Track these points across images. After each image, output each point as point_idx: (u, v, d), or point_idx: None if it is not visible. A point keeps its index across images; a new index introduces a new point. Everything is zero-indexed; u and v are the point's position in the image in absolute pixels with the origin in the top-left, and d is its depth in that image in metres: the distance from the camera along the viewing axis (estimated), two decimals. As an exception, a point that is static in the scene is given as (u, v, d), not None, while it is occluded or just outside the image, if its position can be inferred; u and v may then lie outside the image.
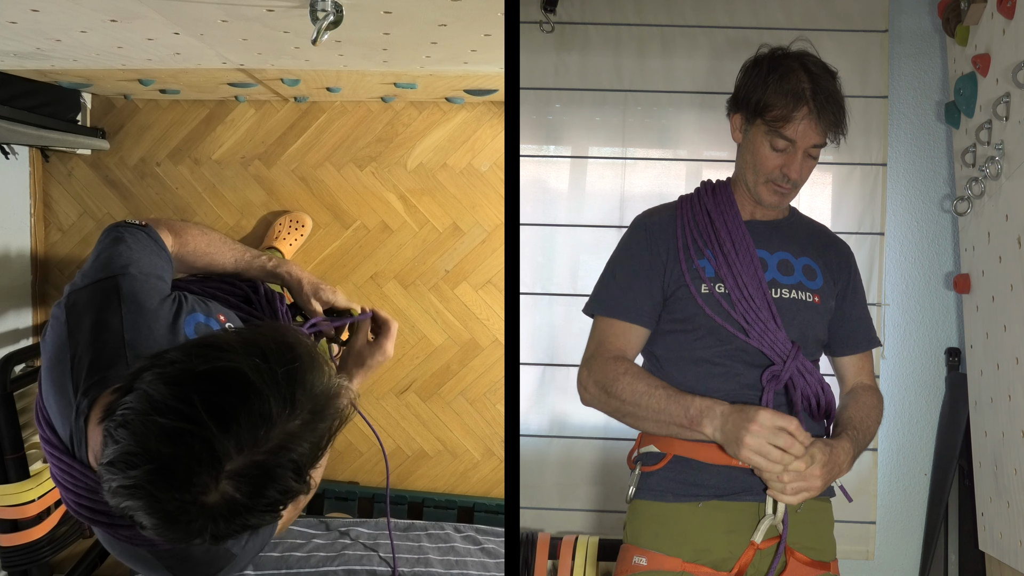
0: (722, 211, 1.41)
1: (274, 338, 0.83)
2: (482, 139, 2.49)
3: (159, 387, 0.77)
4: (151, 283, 1.10)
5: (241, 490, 0.77)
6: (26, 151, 2.41)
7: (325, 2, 1.22)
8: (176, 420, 0.75)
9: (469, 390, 2.56)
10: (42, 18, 1.40)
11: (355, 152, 2.50)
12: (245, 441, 0.76)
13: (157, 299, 1.08)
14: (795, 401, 1.34)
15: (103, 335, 1.01)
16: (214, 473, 0.75)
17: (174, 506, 0.76)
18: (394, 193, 2.51)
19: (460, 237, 2.51)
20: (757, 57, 1.41)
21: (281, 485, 0.79)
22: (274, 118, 2.50)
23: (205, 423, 0.74)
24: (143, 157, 2.51)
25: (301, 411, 0.80)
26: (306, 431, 0.80)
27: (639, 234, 1.45)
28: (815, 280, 1.42)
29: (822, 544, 1.36)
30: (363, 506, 2.52)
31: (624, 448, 2.12)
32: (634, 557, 1.35)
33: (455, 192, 2.50)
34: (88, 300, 1.04)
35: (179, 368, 0.78)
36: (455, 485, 2.59)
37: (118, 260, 1.10)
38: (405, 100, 2.46)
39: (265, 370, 0.78)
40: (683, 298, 1.37)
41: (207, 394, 0.76)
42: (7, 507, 1.81)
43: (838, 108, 1.34)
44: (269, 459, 0.78)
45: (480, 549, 2.31)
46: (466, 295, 2.53)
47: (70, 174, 2.51)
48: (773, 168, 1.36)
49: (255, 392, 0.77)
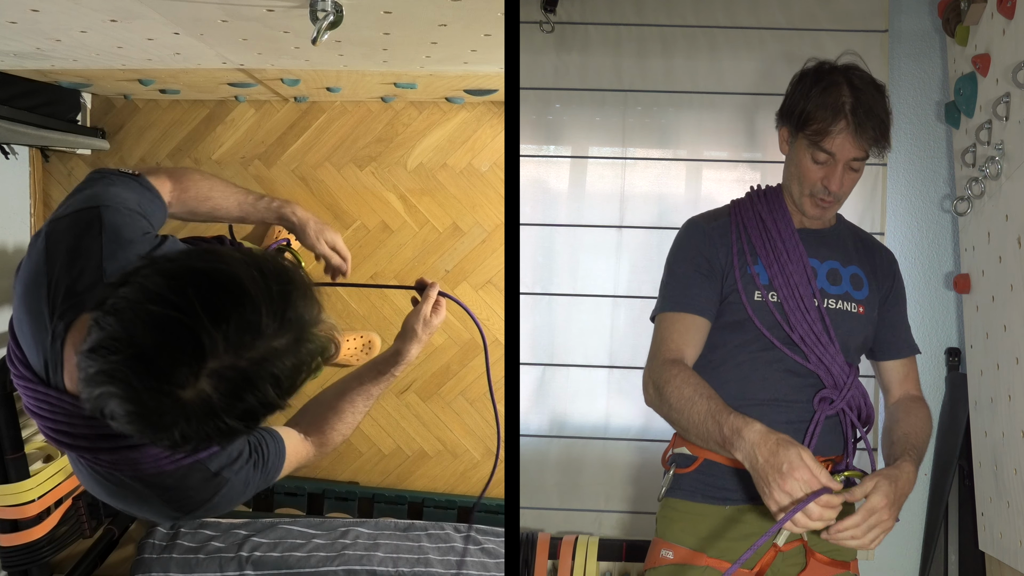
0: (776, 218, 1.42)
1: (273, 260, 0.84)
2: (482, 139, 2.49)
3: (155, 279, 0.77)
4: (135, 219, 1.08)
5: (219, 390, 0.77)
6: (26, 151, 2.41)
7: (325, 2, 1.22)
8: (168, 308, 0.75)
9: (469, 390, 2.56)
10: (42, 18, 1.40)
11: (355, 152, 2.50)
12: (232, 342, 0.76)
13: (139, 232, 1.07)
14: (843, 425, 1.35)
15: (81, 261, 1.00)
16: (195, 367, 0.75)
17: (150, 396, 0.75)
18: (394, 193, 2.50)
19: (460, 237, 2.51)
20: (803, 70, 1.42)
21: (260, 394, 0.80)
22: (274, 118, 2.50)
23: (197, 314, 0.74)
24: (143, 157, 2.51)
25: (289, 331, 0.81)
26: (290, 350, 0.81)
27: (696, 235, 1.44)
28: (861, 290, 1.43)
29: (841, 550, 1.35)
30: (363, 506, 2.52)
31: (624, 448, 2.12)
32: (662, 551, 1.37)
33: (455, 192, 2.50)
34: (67, 228, 1.03)
35: (178, 264, 0.79)
36: (455, 485, 2.59)
37: (103, 194, 1.09)
38: (405, 100, 2.46)
39: (261, 283, 0.79)
40: (734, 303, 1.37)
41: (203, 290, 0.76)
42: (7, 507, 1.81)
43: (878, 123, 1.34)
44: (251, 367, 0.78)
45: (480, 549, 2.31)
46: (466, 295, 2.53)
47: (70, 174, 2.51)
48: (815, 180, 1.37)
49: (249, 299, 0.78)
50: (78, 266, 0.99)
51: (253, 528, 2.30)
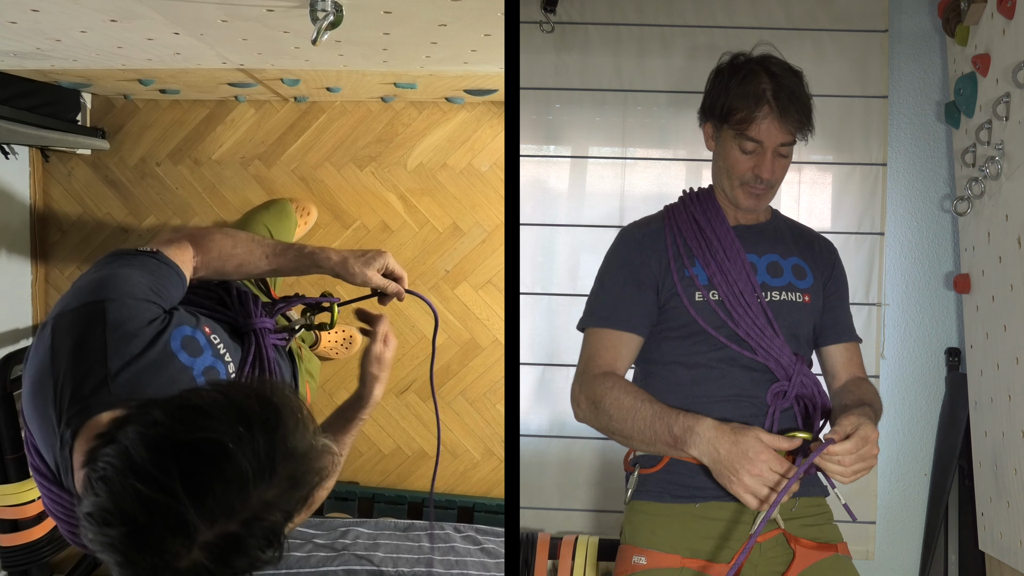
0: (709, 218, 1.42)
1: (259, 399, 0.82)
2: (482, 139, 2.49)
3: (139, 449, 0.77)
4: (140, 308, 1.07)
5: (212, 558, 0.77)
6: (26, 151, 2.41)
7: (325, 2, 1.22)
8: (152, 490, 0.75)
9: (469, 390, 2.56)
10: (42, 18, 1.40)
11: (355, 152, 2.50)
12: (219, 514, 0.76)
13: (144, 323, 1.06)
14: (797, 416, 1.34)
15: (86, 361, 1.00)
16: (187, 543, 0.76)
17: (147, 567, 0.76)
18: (394, 193, 2.51)
19: (460, 237, 2.51)
20: (719, 65, 1.43)
21: (251, 557, 0.79)
22: (274, 118, 2.50)
23: (180, 497, 0.74)
24: (143, 157, 2.51)
25: (280, 478, 0.80)
26: (282, 499, 0.81)
27: (627, 245, 1.45)
28: (805, 279, 1.43)
29: (822, 532, 1.36)
30: (363, 506, 2.52)
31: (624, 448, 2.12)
32: (633, 556, 1.35)
33: (455, 192, 2.50)
34: (71, 325, 1.03)
35: (160, 432, 0.78)
36: (455, 485, 2.59)
37: (110, 283, 1.08)
38: (405, 100, 2.46)
39: (247, 440, 0.78)
40: (676, 307, 1.37)
41: (185, 465, 0.76)
42: (7, 507, 1.82)
43: (801, 106, 1.34)
44: (241, 529, 0.78)
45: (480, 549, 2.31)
46: (466, 295, 2.53)
47: (70, 174, 2.51)
48: (745, 171, 1.37)
49: (234, 464, 0.77)
50: (83, 367, 0.99)
51: (253, 528, 2.30)
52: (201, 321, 1.19)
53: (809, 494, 1.36)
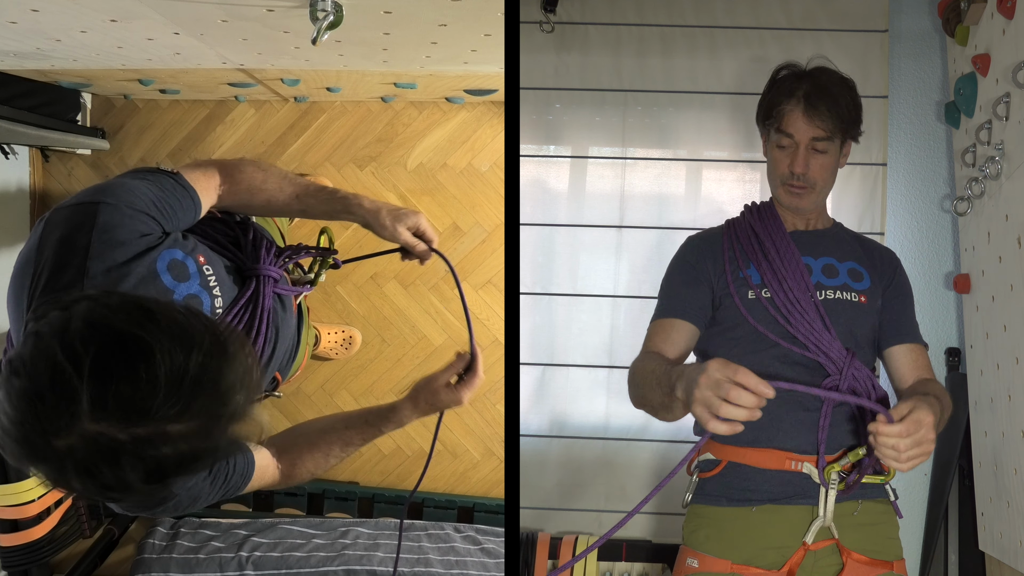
0: (766, 225, 1.45)
1: (214, 339, 0.78)
2: (482, 139, 2.49)
3: (77, 322, 0.75)
4: (136, 219, 1.05)
5: (83, 451, 0.74)
6: (26, 151, 2.41)
7: (325, 2, 1.22)
8: (64, 356, 0.73)
9: (469, 390, 2.56)
10: (42, 18, 1.40)
11: (355, 152, 2.50)
12: (112, 411, 0.73)
13: (136, 234, 1.04)
14: (852, 409, 1.34)
15: (65, 257, 0.99)
16: (69, 422, 0.73)
17: (28, 428, 0.74)
18: (394, 193, 2.50)
19: (460, 237, 2.51)
20: (772, 74, 1.47)
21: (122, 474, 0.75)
22: (274, 118, 2.50)
23: (84, 374, 0.72)
24: (143, 157, 2.51)
25: (191, 416, 0.76)
26: (182, 439, 0.76)
27: (687, 249, 1.49)
28: (861, 281, 1.43)
29: (881, 546, 1.34)
30: (363, 506, 2.52)
31: (624, 448, 2.12)
32: (687, 559, 1.37)
33: (455, 192, 2.50)
34: (64, 219, 1.03)
35: (103, 314, 0.76)
36: (455, 485, 2.59)
37: (115, 189, 1.06)
38: (405, 100, 2.46)
39: (177, 360, 0.74)
40: (729, 306, 1.39)
41: (103, 349, 0.74)
42: (7, 507, 1.81)
43: (832, 102, 1.35)
44: (127, 441, 0.74)
45: (480, 549, 2.31)
46: (466, 295, 2.53)
47: (70, 174, 2.51)
48: (783, 168, 1.40)
49: (149, 372, 0.73)
50: (62, 260, 0.99)
51: (253, 528, 2.30)
52: (198, 249, 1.15)
53: (871, 496, 1.34)
